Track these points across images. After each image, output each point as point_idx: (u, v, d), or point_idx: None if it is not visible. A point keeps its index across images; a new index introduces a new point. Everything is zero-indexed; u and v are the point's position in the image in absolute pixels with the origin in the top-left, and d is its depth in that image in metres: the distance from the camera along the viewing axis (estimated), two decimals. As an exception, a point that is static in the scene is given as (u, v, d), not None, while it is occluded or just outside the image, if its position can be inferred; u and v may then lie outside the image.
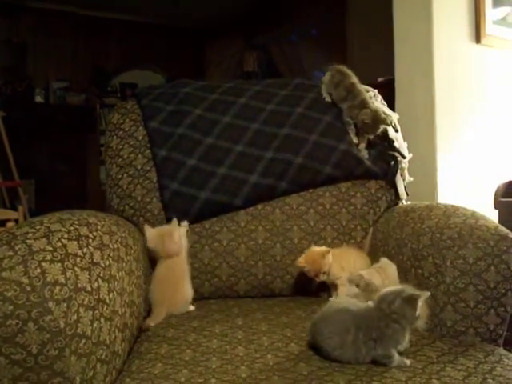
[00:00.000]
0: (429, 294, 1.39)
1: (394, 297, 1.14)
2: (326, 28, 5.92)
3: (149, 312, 1.52)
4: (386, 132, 1.94)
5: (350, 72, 1.98)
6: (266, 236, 1.75)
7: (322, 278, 1.62)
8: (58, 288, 0.99)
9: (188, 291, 1.59)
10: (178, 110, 1.88)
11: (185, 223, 1.70)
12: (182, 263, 1.61)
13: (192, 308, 1.56)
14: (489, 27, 2.67)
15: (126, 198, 1.77)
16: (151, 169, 1.79)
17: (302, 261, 1.62)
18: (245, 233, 1.74)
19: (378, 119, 1.85)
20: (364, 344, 1.12)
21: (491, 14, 2.69)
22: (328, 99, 1.96)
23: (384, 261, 1.52)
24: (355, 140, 1.90)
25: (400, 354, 1.16)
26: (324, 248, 1.64)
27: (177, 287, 1.57)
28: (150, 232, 1.62)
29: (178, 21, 7.80)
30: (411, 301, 1.13)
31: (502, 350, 1.30)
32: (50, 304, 0.96)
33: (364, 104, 1.87)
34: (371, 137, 1.90)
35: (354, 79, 1.95)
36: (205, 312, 1.51)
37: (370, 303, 1.19)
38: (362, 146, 1.89)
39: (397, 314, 1.13)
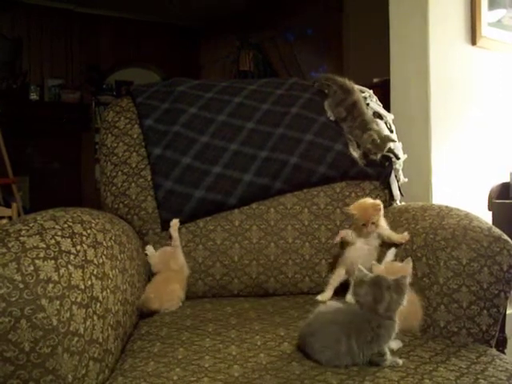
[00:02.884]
0: (410, 264, 1.41)
1: (381, 292, 1.12)
2: (322, 27, 5.92)
3: (142, 312, 1.51)
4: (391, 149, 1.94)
5: (353, 87, 1.94)
6: (261, 235, 1.75)
7: (370, 228, 1.60)
8: (50, 285, 0.99)
9: (182, 290, 1.61)
10: (173, 108, 1.87)
11: (175, 221, 1.70)
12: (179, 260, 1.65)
13: (180, 304, 1.58)
14: (484, 29, 2.67)
15: (120, 196, 1.76)
16: (146, 167, 1.79)
17: (352, 208, 1.62)
18: (239, 232, 1.74)
19: (384, 139, 1.84)
20: (359, 349, 1.11)
21: (487, 16, 2.69)
22: (332, 118, 1.93)
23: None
24: (355, 154, 1.88)
25: (393, 353, 1.16)
26: (377, 201, 1.65)
27: (172, 285, 1.58)
28: (154, 256, 1.66)
29: (174, 19, 7.80)
30: (399, 287, 1.13)
31: (494, 351, 1.30)
32: (43, 301, 0.96)
33: (364, 125, 1.85)
34: (378, 156, 1.88)
35: (356, 96, 1.91)
36: (198, 311, 1.51)
37: (353, 304, 1.17)
38: (363, 161, 1.88)
39: (390, 311, 1.12)
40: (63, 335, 0.99)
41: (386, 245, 1.61)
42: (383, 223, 1.64)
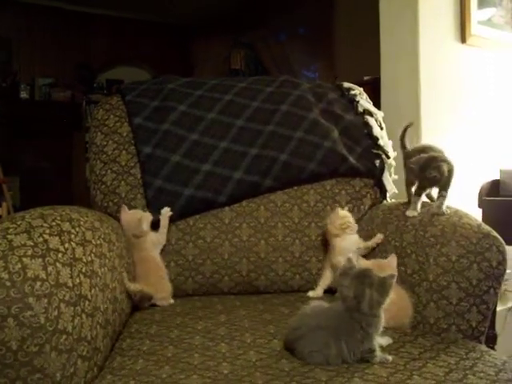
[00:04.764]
0: (395, 259, 1.43)
1: (362, 289, 1.11)
2: (314, 26, 5.93)
3: (132, 309, 1.51)
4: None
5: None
6: (251, 233, 1.75)
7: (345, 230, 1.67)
8: (38, 283, 0.99)
9: (168, 284, 1.62)
10: (163, 106, 1.87)
11: (166, 209, 1.70)
12: (157, 257, 1.65)
13: (172, 301, 1.59)
14: (474, 27, 2.69)
15: (109, 194, 1.76)
16: (135, 165, 1.78)
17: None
18: (229, 230, 1.74)
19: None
20: (350, 350, 1.11)
21: (477, 14, 2.70)
22: None
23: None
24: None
25: (382, 350, 1.16)
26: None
27: (159, 278, 1.60)
28: (128, 214, 1.67)
29: (165, 18, 7.78)
30: (382, 286, 1.12)
31: (483, 347, 1.30)
32: (31, 299, 0.96)
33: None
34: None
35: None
36: (188, 309, 1.51)
37: (338, 304, 1.16)
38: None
39: (376, 309, 1.12)
40: (51, 333, 0.98)
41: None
42: (356, 237, 1.69)
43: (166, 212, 1.69)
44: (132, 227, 1.62)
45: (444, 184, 1.56)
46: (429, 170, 1.53)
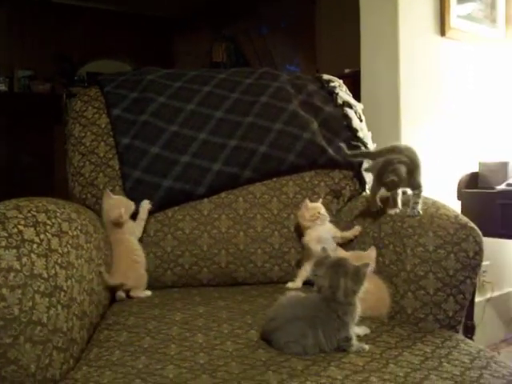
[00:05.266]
0: (374, 252, 1.44)
1: (337, 278, 1.12)
2: (296, 20, 5.92)
3: (111, 301, 1.50)
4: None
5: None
6: (229, 224, 1.74)
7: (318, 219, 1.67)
8: (12, 274, 0.98)
9: (142, 269, 1.61)
10: (142, 97, 1.86)
11: (146, 202, 1.69)
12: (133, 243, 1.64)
13: (149, 293, 1.58)
14: (453, 21, 2.70)
15: (88, 186, 1.74)
16: (114, 157, 1.77)
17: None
18: (208, 221, 1.73)
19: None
20: (327, 339, 1.11)
21: (456, 8, 2.72)
22: None
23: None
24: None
25: (359, 339, 1.17)
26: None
27: (133, 264, 1.58)
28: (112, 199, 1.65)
29: (146, 10, 7.72)
30: (356, 275, 1.13)
31: (459, 336, 1.32)
32: (4, 290, 0.95)
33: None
34: None
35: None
36: (166, 300, 1.50)
37: (314, 295, 1.17)
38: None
39: (351, 298, 1.13)
40: (25, 325, 0.97)
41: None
42: (330, 226, 1.69)
43: (146, 205, 1.68)
44: (113, 213, 1.60)
45: (412, 183, 1.53)
46: (386, 174, 1.49)
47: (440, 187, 2.55)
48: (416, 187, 1.53)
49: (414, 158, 1.54)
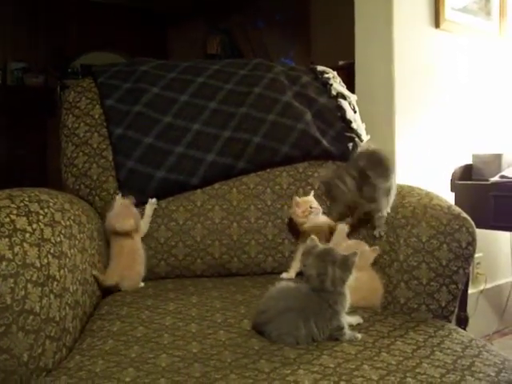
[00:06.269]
0: (376, 251, 1.44)
1: (324, 266, 1.13)
2: (291, 12, 5.90)
3: (104, 292, 1.50)
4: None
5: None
6: (223, 215, 1.74)
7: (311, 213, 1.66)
8: (4, 263, 0.98)
9: (141, 269, 1.60)
10: (136, 88, 1.85)
11: (153, 200, 1.69)
12: (137, 243, 1.62)
13: (142, 284, 1.57)
14: (448, 13, 2.70)
15: (81, 177, 1.74)
16: (107, 147, 1.76)
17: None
18: (201, 212, 1.73)
19: None
20: (319, 329, 1.12)
21: (451, 0, 2.72)
22: None
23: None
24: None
25: (352, 329, 1.17)
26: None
27: (132, 263, 1.57)
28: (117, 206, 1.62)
29: (141, 3, 7.69)
30: (345, 264, 1.13)
31: (451, 325, 1.32)
32: (-4, 279, 0.95)
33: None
34: None
35: None
36: (160, 291, 1.50)
37: (304, 285, 1.17)
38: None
39: (340, 287, 1.13)
40: (18, 314, 0.97)
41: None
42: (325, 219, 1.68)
43: (152, 202, 1.69)
44: (118, 221, 1.58)
45: (365, 196, 1.50)
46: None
47: (434, 179, 2.56)
48: (370, 201, 1.51)
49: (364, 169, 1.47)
